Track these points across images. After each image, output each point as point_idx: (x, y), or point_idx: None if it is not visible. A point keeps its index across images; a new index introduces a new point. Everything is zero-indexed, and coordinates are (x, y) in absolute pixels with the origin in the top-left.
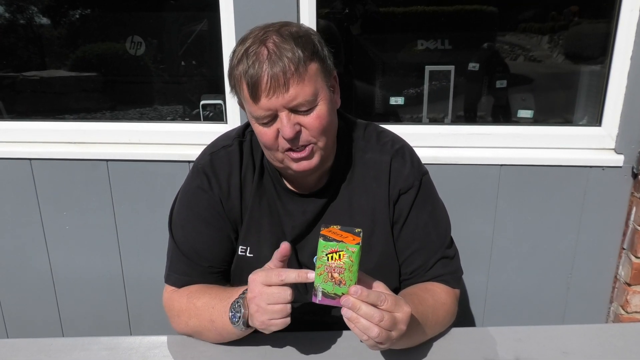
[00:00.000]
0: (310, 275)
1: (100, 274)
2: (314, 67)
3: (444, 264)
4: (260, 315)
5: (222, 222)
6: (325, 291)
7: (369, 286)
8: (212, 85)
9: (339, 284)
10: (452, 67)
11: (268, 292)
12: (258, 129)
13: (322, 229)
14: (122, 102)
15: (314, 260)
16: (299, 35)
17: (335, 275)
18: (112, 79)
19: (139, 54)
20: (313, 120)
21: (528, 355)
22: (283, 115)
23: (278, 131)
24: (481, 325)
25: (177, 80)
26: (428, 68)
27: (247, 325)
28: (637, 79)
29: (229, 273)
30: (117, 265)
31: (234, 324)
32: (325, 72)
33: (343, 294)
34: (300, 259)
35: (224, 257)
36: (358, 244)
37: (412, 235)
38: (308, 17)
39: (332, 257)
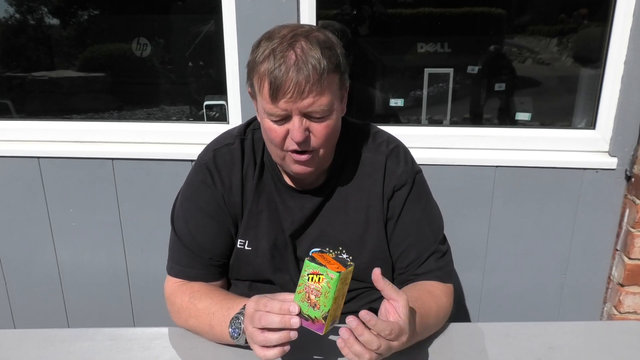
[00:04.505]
0: (294, 321)
1: (105, 269)
2: (334, 78)
3: (436, 258)
4: (250, 337)
5: (224, 217)
6: (301, 310)
7: (395, 301)
8: (216, 86)
9: (313, 307)
10: (451, 70)
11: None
12: (268, 124)
13: (313, 251)
14: (128, 103)
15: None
16: (326, 46)
17: (312, 297)
18: (119, 80)
19: (145, 55)
20: (322, 128)
21: (516, 350)
22: (296, 119)
23: (287, 131)
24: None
25: (182, 81)
26: (427, 70)
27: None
28: (631, 84)
29: (228, 266)
30: (122, 261)
31: (234, 339)
32: (341, 84)
33: (315, 317)
34: (298, 254)
35: (224, 250)
36: (339, 272)
37: (407, 230)
38: (308, 22)
39: (312, 278)
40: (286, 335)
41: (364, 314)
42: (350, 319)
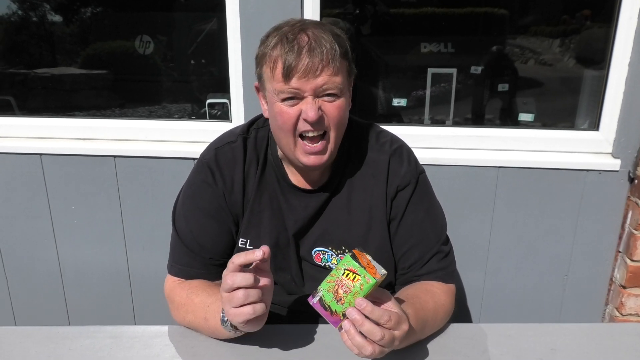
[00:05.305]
0: (257, 254)
1: (107, 266)
2: (344, 63)
3: (439, 259)
4: (224, 305)
5: (225, 216)
6: (323, 299)
7: (377, 299)
8: (219, 84)
9: (338, 301)
10: (454, 70)
11: (223, 282)
12: (279, 107)
13: (355, 248)
14: (130, 100)
15: (325, 263)
16: (336, 33)
17: (340, 291)
18: (122, 77)
19: (148, 53)
20: (334, 109)
21: (517, 351)
22: (309, 98)
23: (299, 113)
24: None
25: (185, 79)
26: (430, 70)
27: (235, 328)
28: (635, 85)
29: None
30: (123, 259)
31: (223, 324)
32: (349, 73)
33: (335, 311)
34: (300, 253)
35: (225, 249)
36: (376, 279)
37: (410, 230)
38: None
39: (347, 274)
40: (250, 276)
41: (360, 301)
42: (350, 310)
